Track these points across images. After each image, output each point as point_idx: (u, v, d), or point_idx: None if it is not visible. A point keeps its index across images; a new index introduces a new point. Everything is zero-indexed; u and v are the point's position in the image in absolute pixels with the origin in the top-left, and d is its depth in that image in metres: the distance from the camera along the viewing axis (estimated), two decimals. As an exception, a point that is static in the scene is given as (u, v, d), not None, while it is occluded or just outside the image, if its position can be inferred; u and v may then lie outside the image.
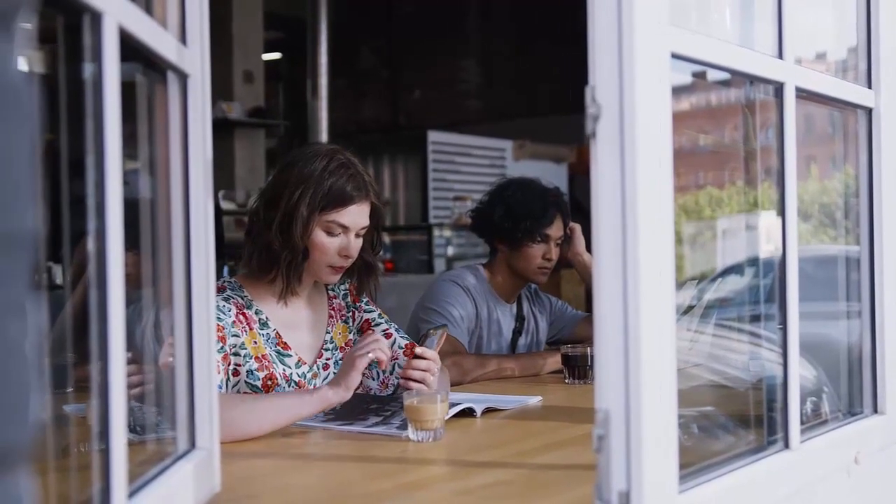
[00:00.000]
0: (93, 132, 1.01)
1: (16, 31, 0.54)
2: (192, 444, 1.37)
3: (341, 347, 2.37)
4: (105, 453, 1.01)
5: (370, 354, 1.99)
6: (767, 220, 1.89)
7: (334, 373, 2.30)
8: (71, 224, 1.06)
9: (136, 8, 1.12)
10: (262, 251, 2.21)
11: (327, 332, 2.35)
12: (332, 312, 2.39)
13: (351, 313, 2.42)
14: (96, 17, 1.00)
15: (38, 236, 0.59)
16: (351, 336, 2.39)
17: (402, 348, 2.37)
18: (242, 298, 2.23)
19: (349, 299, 2.43)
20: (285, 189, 2.18)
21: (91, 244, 1.03)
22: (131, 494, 1.08)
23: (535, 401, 2.35)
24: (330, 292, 2.41)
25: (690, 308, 2.00)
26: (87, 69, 1.02)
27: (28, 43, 0.58)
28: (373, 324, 2.42)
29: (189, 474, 1.30)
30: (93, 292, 1.02)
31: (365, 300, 2.45)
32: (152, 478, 1.20)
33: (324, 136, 9.07)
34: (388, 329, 2.41)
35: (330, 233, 2.20)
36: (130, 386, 1.41)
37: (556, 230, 3.01)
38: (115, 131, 1.02)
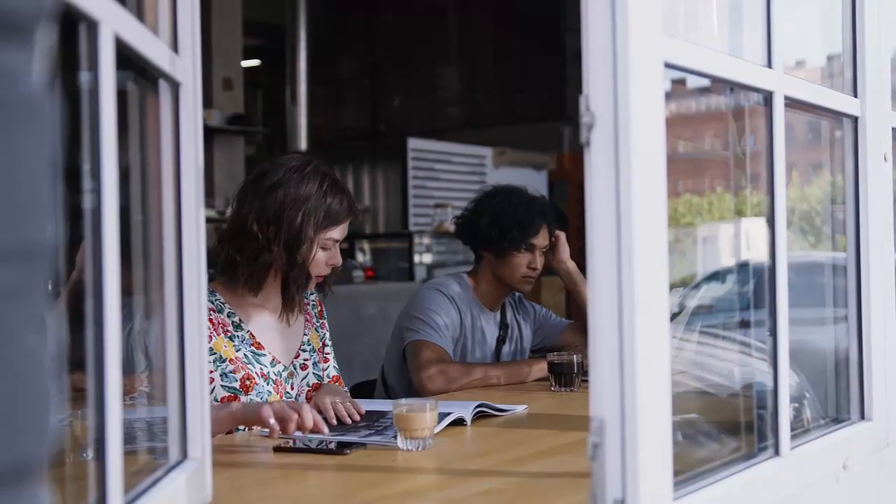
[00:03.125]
0: (89, 140, 1.01)
1: (34, 43, 0.53)
2: (184, 455, 1.37)
3: (318, 350, 2.46)
4: (101, 464, 1.00)
5: (272, 422, 1.94)
6: (748, 227, 1.90)
7: (313, 373, 2.41)
8: (65, 233, 1.05)
9: (132, 17, 1.11)
10: (261, 270, 2.27)
11: (304, 335, 2.44)
12: (308, 316, 2.47)
13: (321, 323, 2.52)
14: (92, 26, 1.00)
15: (56, 249, 0.58)
16: (320, 343, 2.49)
17: (329, 378, 2.46)
18: (213, 302, 2.28)
19: (316, 311, 2.52)
20: (283, 211, 2.23)
21: (85, 253, 1.02)
22: (126, 506, 1.07)
23: (521, 409, 2.36)
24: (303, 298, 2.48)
25: (675, 315, 2.01)
26: (83, 77, 1.02)
27: (47, 55, 0.58)
28: (325, 344, 2.52)
29: (182, 485, 1.29)
30: (88, 302, 1.01)
31: (324, 318, 2.55)
32: (146, 488, 1.20)
33: (303, 144, 9.04)
34: (329, 354, 2.52)
35: (325, 248, 2.30)
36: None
37: (541, 239, 3.01)
38: (111, 139, 1.02)
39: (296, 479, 1.72)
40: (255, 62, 10.56)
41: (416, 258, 7.36)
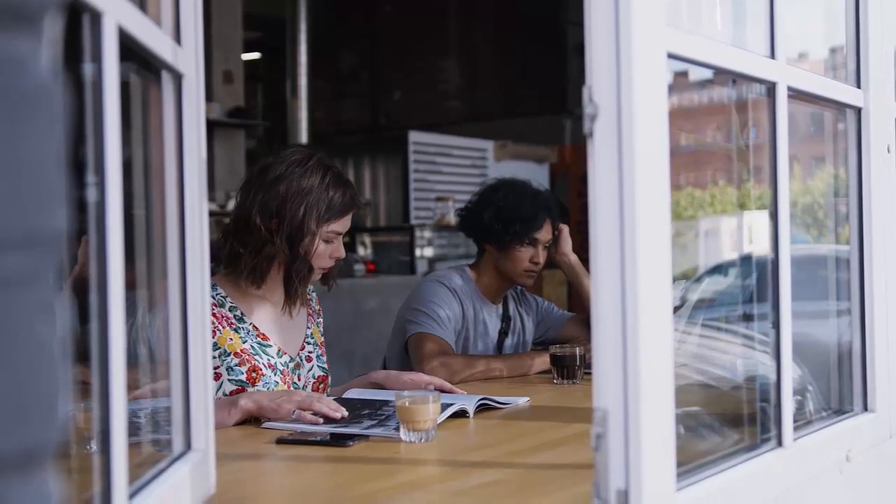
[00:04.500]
0: (92, 132, 1.00)
1: (43, 31, 0.53)
2: (188, 446, 1.37)
3: (320, 344, 2.47)
4: (106, 456, 1.00)
5: (296, 413, 2.03)
6: (751, 220, 1.90)
7: (318, 366, 2.43)
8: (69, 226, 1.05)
9: (135, 8, 1.11)
10: (264, 262, 2.27)
11: (308, 328, 2.45)
12: (310, 311, 2.49)
13: (319, 321, 2.53)
14: (96, 17, 0.99)
15: (66, 237, 0.58)
16: (321, 338, 2.50)
17: (315, 378, 2.44)
18: (214, 297, 2.28)
19: (317, 308, 2.54)
20: (286, 203, 2.24)
21: (88, 246, 1.02)
22: (131, 496, 1.07)
23: (523, 401, 2.36)
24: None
25: (677, 308, 2.01)
26: (86, 68, 1.01)
27: (56, 43, 0.58)
28: (322, 340, 2.53)
29: (186, 476, 1.29)
30: (92, 295, 1.01)
31: (321, 317, 2.56)
32: (150, 479, 1.20)
33: (304, 137, 9.04)
34: (321, 353, 2.51)
35: (328, 241, 2.30)
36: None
37: (544, 234, 3.01)
38: (114, 131, 1.02)
39: (299, 470, 1.72)
40: (255, 55, 10.55)
41: (418, 252, 7.35)
